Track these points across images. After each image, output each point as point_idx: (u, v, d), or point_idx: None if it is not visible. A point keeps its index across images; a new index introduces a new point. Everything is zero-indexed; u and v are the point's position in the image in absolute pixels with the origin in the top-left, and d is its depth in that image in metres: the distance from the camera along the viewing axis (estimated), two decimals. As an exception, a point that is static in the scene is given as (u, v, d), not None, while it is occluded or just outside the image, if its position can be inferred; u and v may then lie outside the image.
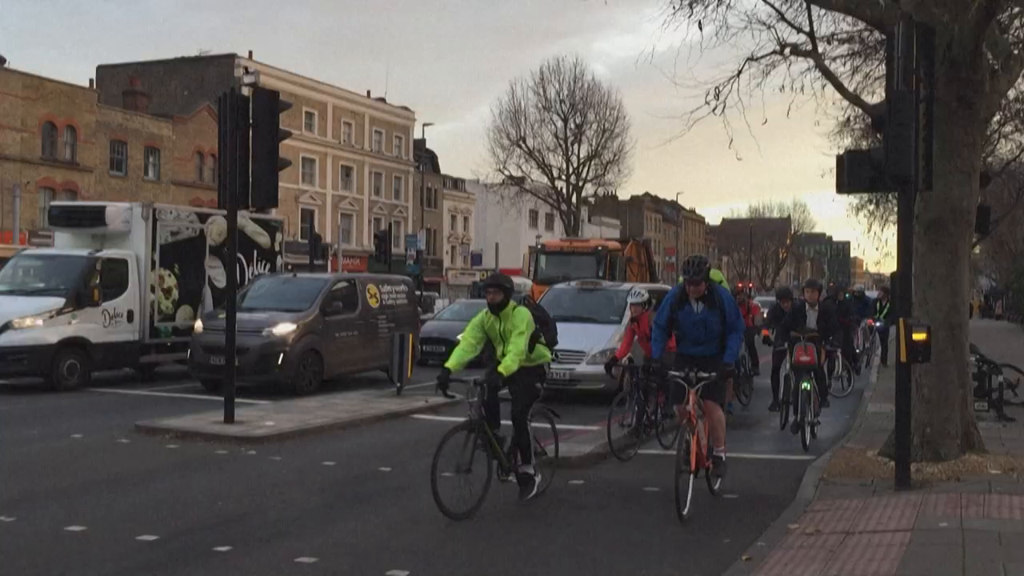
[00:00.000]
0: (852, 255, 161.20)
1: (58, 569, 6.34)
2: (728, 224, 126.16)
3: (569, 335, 16.12)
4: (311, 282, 18.59)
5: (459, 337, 17.90)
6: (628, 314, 12.79)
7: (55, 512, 7.88)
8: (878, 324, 22.76)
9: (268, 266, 21.37)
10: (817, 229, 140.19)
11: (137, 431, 12.19)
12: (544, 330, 8.67)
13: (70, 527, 7.39)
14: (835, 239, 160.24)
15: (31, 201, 37.86)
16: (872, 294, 27.87)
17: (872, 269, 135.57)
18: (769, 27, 12.46)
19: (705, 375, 8.20)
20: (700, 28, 12.27)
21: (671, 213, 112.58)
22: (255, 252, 21.07)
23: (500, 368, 8.16)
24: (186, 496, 8.62)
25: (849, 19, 12.98)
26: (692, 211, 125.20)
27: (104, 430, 12.35)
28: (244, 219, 20.14)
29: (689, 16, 12.21)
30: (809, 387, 11.75)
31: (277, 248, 21.85)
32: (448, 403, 15.41)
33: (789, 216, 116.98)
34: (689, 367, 8.34)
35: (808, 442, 11.59)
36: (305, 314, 16.71)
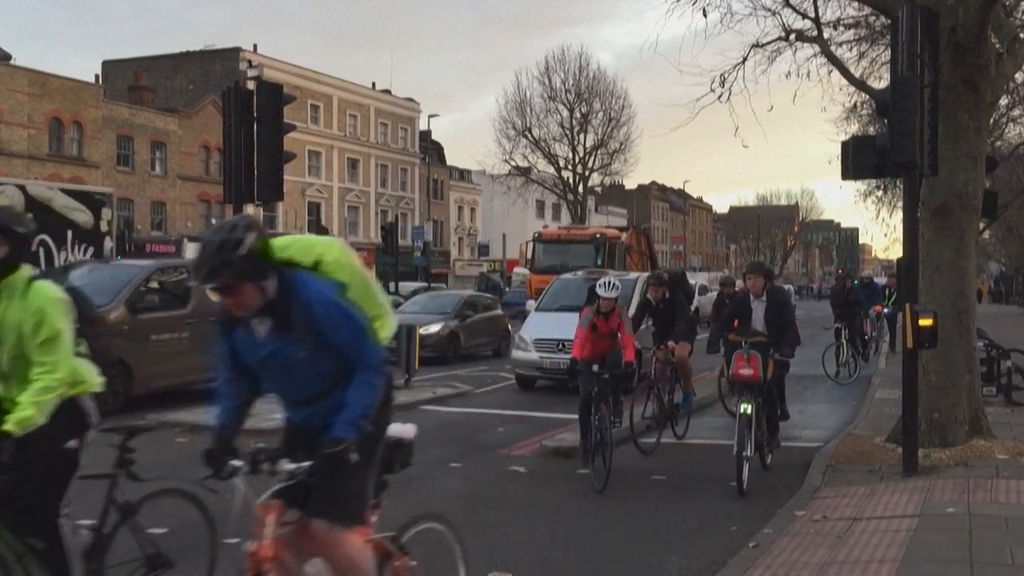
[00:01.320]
0: (861, 242, 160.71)
1: (69, 562, 6.37)
2: (735, 212, 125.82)
3: (575, 326, 16.19)
4: (124, 270, 14.20)
5: (427, 331, 17.31)
6: (587, 311, 9.91)
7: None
8: (885, 311, 22.72)
9: (89, 250, 17.88)
10: (825, 216, 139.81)
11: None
12: None
13: (80, 520, 7.42)
14: (844, 226, 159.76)
15: (39, 197, 37.98)
16: (880, 280, 27.75)
17: (881, 255, 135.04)
18: (774, 13, 12.42)
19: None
20: (704, 15, 12.27)
21: (678, 201, 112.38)
22: (69, 233, 17.44)
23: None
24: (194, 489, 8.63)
25: (854, 4, 12.93)
26: (699, 199, 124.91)
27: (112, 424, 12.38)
28: (52, 191, 17.16)
29: (693, 3, 12.19)
30: (750, 410, 8.59)
31: (105, 228, 18.49)
32: (456, 394, 15.50)
33: (797, 203, 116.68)
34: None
35: (746, 484, 8.38)
36: (104, 311, 11.98)
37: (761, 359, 8.73)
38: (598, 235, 31.16)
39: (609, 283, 9.74)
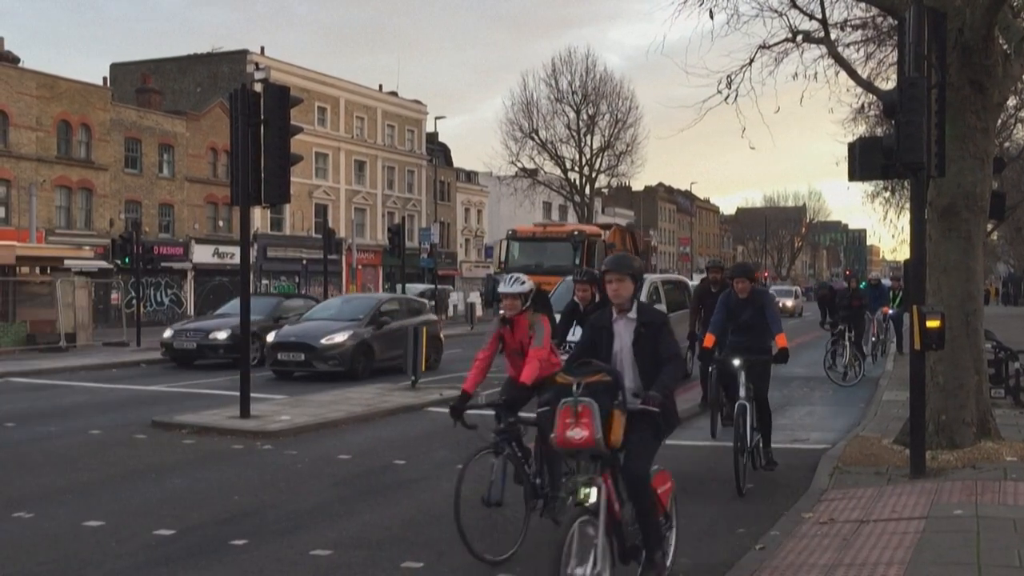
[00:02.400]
0: (868, 243, 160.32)
1: (76, 564, 6.40)
2: (743, 213, 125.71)
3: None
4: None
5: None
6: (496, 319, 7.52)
7: (73, 507, 7.95)
8: (891, 312, 22.65)
9: None
10: (833, 217, 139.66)
11: (154, 426, 12.28)
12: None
13: (88, 522, 7.46)
14: (851, 227, 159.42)
15: (47, 200, 38.08)
16: (887, 282, 27.65)
17: (889, 257, 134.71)
18: (781, 15, 12.42)
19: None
20: (711, 16, 12.25)
21: (685, 203, 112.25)
22: None
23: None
24: (202, 490, 8.68)
25: (861, 5, 12.93)
26: (706, 201, 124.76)
27: (121, 426, 12.45)
28: None
29: (700, 4, 12.19)
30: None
31: None
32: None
33: (804, 204, 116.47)
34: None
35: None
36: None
37: (597, 412, 5.08)
38: (576, 232, 29.48)
39: (514, 278, 7.33)
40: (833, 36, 12.31)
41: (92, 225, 39.86)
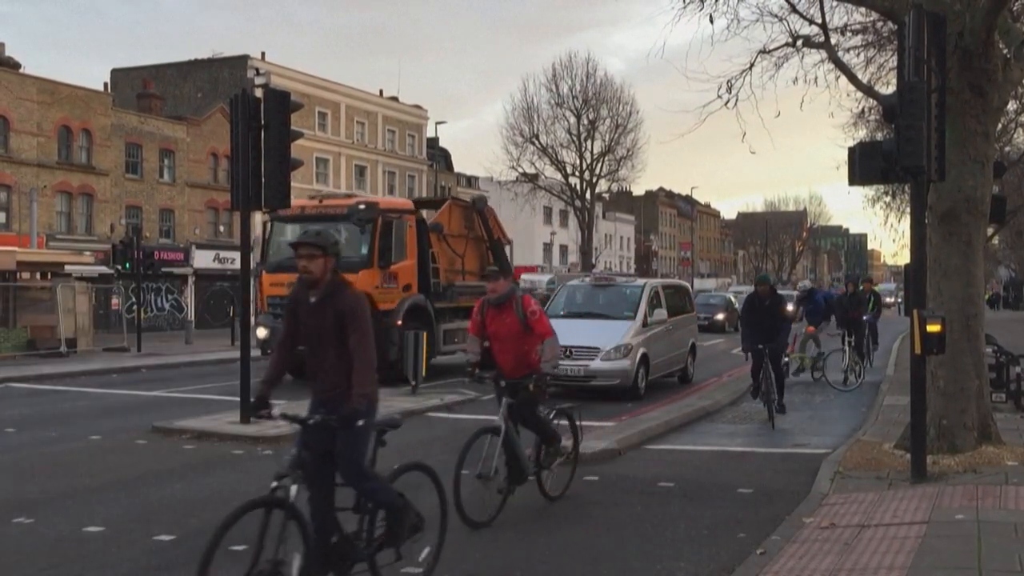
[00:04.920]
0: (869, 247, 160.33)
1: (77, 569, 6.40)
2: (744, 218, 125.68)
3: (583, 331, 16.21)
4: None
5: None
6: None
7: (74, 513, 7.94)
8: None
9: None
10: (834, 222, 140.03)
11: (154, 432, 12.27)
12: None
13: (88, 528, 7.45)
14: (852, 231, 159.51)
15: (48, 205, 38.10)
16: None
17: (890, 261, 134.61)
18: (781, 19, 12.42)
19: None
20: (711, 21, 12.25)
21: (686, 207, 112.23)
22: None
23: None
24: (203, 496, 8.67)
25: (861, 9, 12.91)
26: (707, 205, 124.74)
27: (122, 431, 12.44)
28: None
29: (700, 10, 12.19)
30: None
31: None
32: (463, 400, 15.49)
33: (805, 209, 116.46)
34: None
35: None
36: None
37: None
38: (361, 206, 18.65)
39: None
40: (833, 41, 12.32)
41: (93, 230, 39.87)
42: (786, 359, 16.05)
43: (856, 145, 9.33)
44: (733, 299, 42.17)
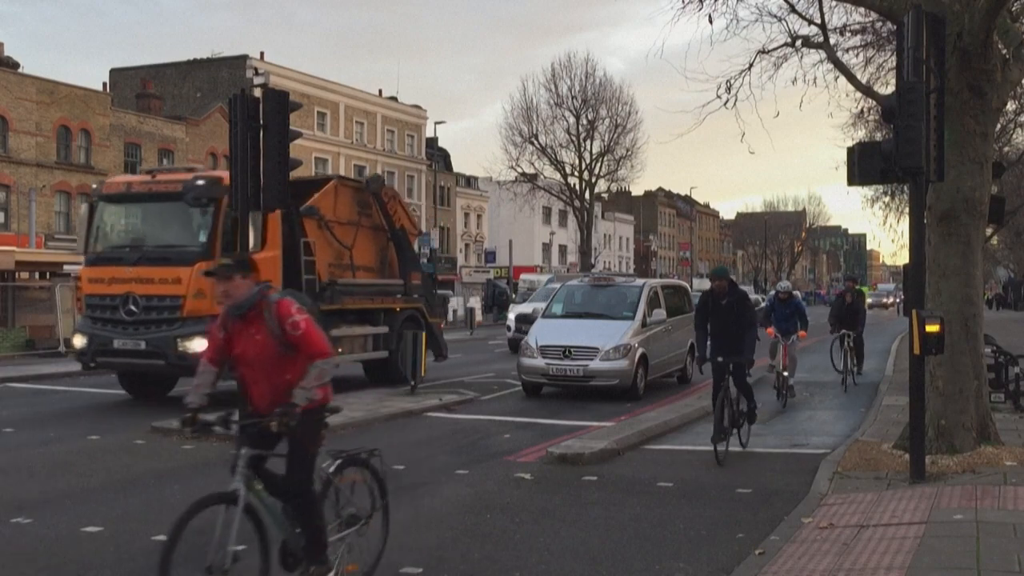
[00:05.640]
0: (868, 247, 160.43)
1: (75, 570, 6.39)
2: (743, 218, 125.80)
3: (582, 331, 16.26)
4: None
5: None
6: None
7: (72, 513, 7.94)
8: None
9: None
10: (833, 222, 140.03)
11: (153, 432, 12.27)
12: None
13: (87, 528, 7.45)
14: (851, 232, 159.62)
15: (47, 205, 38.11)
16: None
17: (888, 261, 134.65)
18: (780, 20, 12.45)
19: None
20: (710, 22, 12.26)
21: (685, 208, 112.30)
22: None
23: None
24: (202, 496, 8.65)
25: (860, 10, 12.92)
26: (706, 205, 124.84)
27: (120, 431, 12.44)
28: None
29: (699, 10, 12.20)
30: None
31: None
32: (462, 400, 15.50)
33: (804, 209, 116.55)
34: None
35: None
36: None
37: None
38: (200, 181, 14.80)
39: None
40: (832, 41, 12.33)
41: (92, 230, 39.85)
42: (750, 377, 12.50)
43: (855, 145, 9.34)
44: None
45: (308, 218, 16.19)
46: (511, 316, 29.90)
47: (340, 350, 15.85)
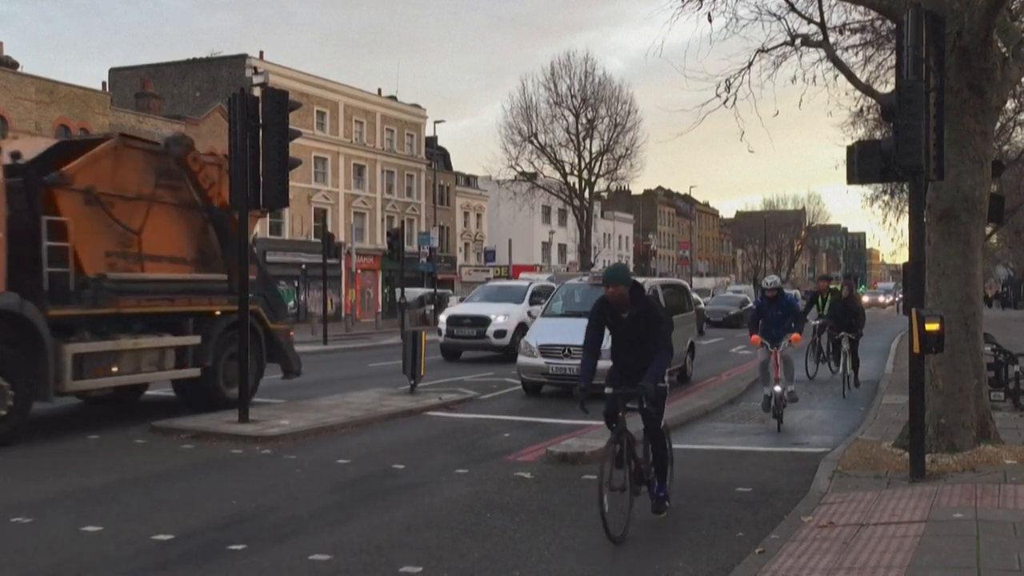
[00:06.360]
0: (868, 246, 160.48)
1: (75, 569, 6.39)
2: (742, 217, 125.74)
3: (582, 331, 16.14)
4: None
5: None
6: None
7: (71, 512, 7.94)
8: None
9: None
10: (832, 221, 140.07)
11: (153, 431, 12.27)
12: None
13: (86, 527, 7.45)
14: (851, 230, 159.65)
15: (46, 204, 38.10)
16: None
17: (888, 260, 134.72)
18: (779, 18, 12.42)
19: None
20: (710, 20, 12.24)
21: (685, 207, 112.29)
22: None
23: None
24: (201, 495, 8.66)
25: (860, 8, 12.91)
26: (706, 204, 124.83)
27: (120, 430, 12.43)
28: None
29: (699, 8, 12.19)
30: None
31: None
32: (461, 400, 15.49)
33: (804, 208, 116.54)
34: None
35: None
36: None
37: None
38: None
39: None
40: (832, 40, 12.31)
41: (91, 230, 39.83)
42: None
43: (855, 144, 9.33)
44: (748, 298, 46.05)
45: (59, 189, 12.01)
46: (442, 318, 25.47)
47: (113, 369, 12.51)
